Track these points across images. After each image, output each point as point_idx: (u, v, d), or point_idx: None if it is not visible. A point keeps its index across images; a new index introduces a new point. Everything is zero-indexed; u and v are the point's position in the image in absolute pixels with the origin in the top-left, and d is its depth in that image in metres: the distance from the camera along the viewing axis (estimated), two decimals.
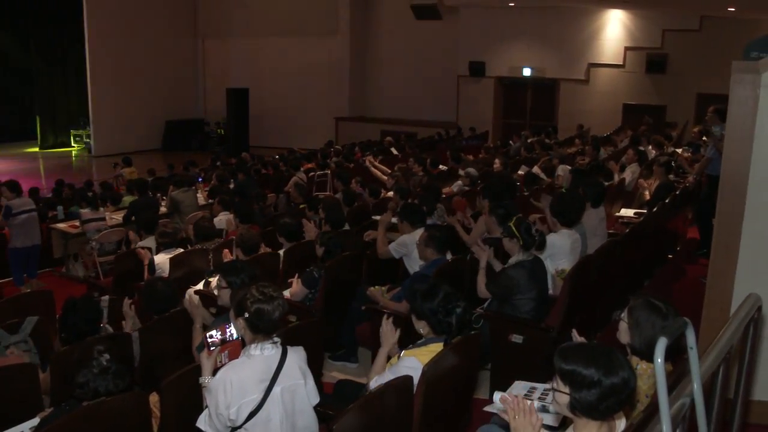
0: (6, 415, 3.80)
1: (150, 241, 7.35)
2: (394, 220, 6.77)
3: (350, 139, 20.40)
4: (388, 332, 3.79)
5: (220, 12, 24.45)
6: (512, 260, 5.02)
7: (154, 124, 24.25)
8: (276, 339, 3.39)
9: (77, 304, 4.57)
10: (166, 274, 6.47)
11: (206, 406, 3.38)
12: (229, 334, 3.51)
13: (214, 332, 3.51)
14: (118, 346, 4.30)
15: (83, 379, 3.39)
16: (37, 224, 9.19)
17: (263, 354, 3.33)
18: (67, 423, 3.33)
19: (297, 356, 3.44)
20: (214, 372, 3.43)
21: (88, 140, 23.96)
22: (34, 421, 3.68)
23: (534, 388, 3.43)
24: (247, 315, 3.30)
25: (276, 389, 3.30)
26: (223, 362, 3.49)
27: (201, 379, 3.47)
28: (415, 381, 3.48)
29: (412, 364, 3.55)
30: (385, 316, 3.89)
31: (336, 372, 5.66)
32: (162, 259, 6.62)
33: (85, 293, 6.38)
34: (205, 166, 15.74)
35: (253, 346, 3.34)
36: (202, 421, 3.38)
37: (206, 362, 3.48)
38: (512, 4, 19.16)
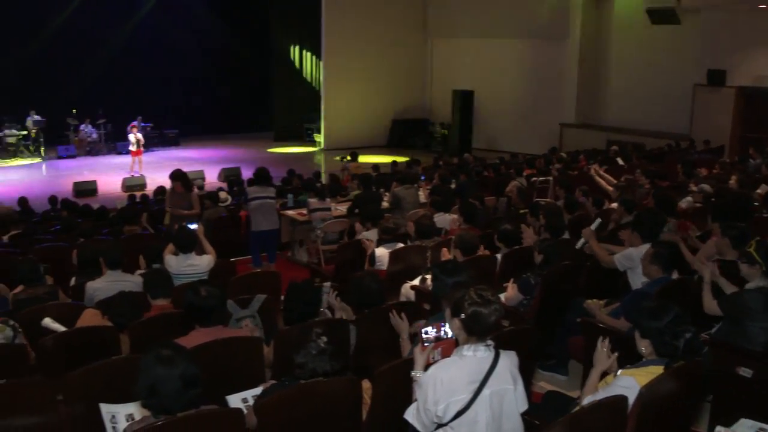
0: (232, 382, 4.08)
1: (373, 234, 7.62)
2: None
3: (574, 146, 19.89)
4: (603, 354, 3.66)
5: (449, 12, 24.66)
6: (750, 285, 4.66)
7: (381, 122, 25.11)
8: (489, 342, 3.39)
9: (300, 288, 4.84)
10: (384, 267, 6.70)
11: (415, 400, 3.45)
12: (443, 332, 3.55)
13: (429, 329, 3.56)
14: (336, 331, 4.50)
15: (302, 359, 3.58)
16: (274, 211, 9.60)
17: (475, 356, 3.33)
18: (285, 397, 3.55)
19: (509, 361, 3.42)
20: (426, 368, 3.50)
21: (318, 134, 25.30)
22: (257, 391, 3.94)
23: (763, 430, 3.17)
24: (463, 316, 3.32)
25: (485, 392, 3.29)
26: (436, 359, 3.54)
27: (412, 373, 3.54)
28: (630, 402, 3.34)
29: (629, 383, 3.41)
30: (600, 338, 3.75)
31: (544, 382, 5.57)
32: (382, 252, 6.85)
33: (307, 278, 6.73)
34: (427, 165, 16.03)
35: (466, 346, 3.36)
36: (410, 414, 3.45)
37: (419, 357, 3.55)
38: (763, 6, 17.69)
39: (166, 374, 3.02)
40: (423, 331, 3.56)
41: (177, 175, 9.46)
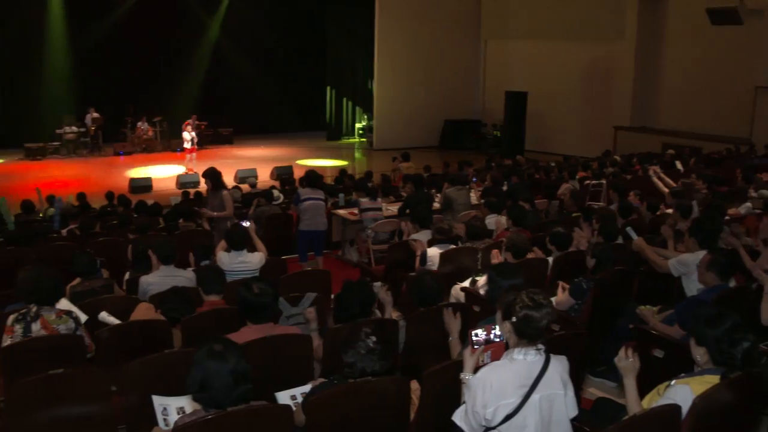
0: (281, 379, 4.13)
1: (423, 235, 7.60)
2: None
3: (629, 149, 19.54)
4: (627, 362, 3.57)
5: (503, 13, 24.51)
6: None
7: (433, 122, 25.07)
8: (540, 346, 3.36)
9: (354, 287, 4.85)
10: (435, 267, 6.68)
11: (464, 402, 3.43)
12: (493, 335, 3.53)
13: (479, 331, 3.55)
14: (385, 331, 4.50)
15: (351, 359, 3.59)
16: (323, 213, 9.61)
17: (526, 359, 3.31)
18: (334, 395, 3.57)
19: (560, 366, 3.39)
20: (476, 370, 3.48)
21: (370, 134, 25.38)
22: (306, 388, 3.96)
23: None
24: (514, 319, 3.31)
25: (535, 396, 3.26)
26: (486, 362, 3.52)
27: (462, 375, 3.53)
28: (684, 412, 3.27)
29: (683, 392, 3.34)
30: (623, 347, 3.65)
31: (594, 389, 5.49)
32: (434, 253, 6.84)
33: (358, 277, 6.75)
34: (479, 166, 15.96)
35: (516, 350, 3.34)
36: (458, 416, 3.44)
37: (469, 359, 3.53)
38: None
39: (218, 369, 3.06)
40: (473, 333, 3.55)
41: (205, 174, 9.38)
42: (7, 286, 5.99)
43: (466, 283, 6.03)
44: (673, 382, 3.48)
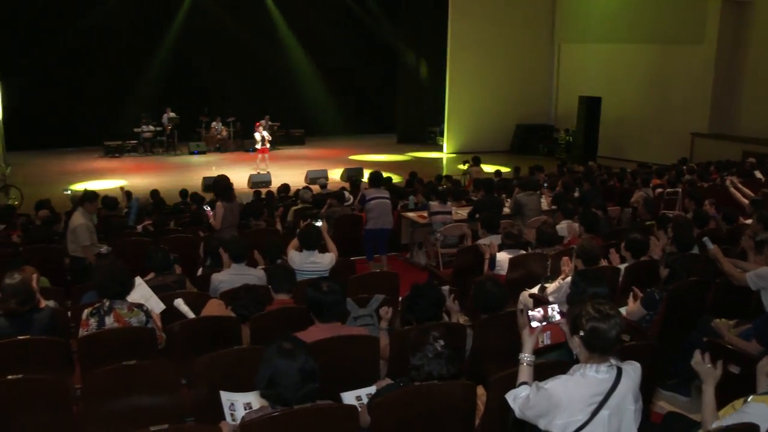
0: (347, 379, 4.15)
1: (492, 239, 7.55)
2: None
3: (706, 157, 19.01)
4: (707, 368, 3.46)
5: (578, 17, 24.17)
6: None
7: (505, 127, 24.87)
8: (613, 362, 3.26)
9: (424, 290, 4.85)
10: (504, 272, 6.63)
11: (521, 383, 3.42)
12: (551, 313, 3.50)
13: (536, 312, 3.53)
14: (452, 335, 4.49)
15: (419, 362, 3.58)
16: (389, 211, 9.77)
17: (597, 376, 3.21)
18: (399, 397, 3.58)
19: (631, 380, 3.28)
20: (535, 351, 3.47)
21: (441, 137, 25.32)
22: (372, 389, 3.99)
23: None
24: (582, 333, 3.20)
25: (603, 413, 3.17)
26: (545, 342, 3.50)
27: (521, 355, 3.50)
28: (762, 430, 3.17)
29: (761, 411, 3.23)
30: (697, 351, 3.55)
31: (664, 402, 5.36)
32: (503, 258, 6.78)
33: (426, 281, 6.75)
34: (550, 171, 15.77)
35: (588, 366, 3.22)
36: (511, 396, 3.39)
37: (528, 340, 3.50)
38: None
39: (286, 367, 3.11)
40: (530, 313, 3.53)
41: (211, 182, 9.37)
42: (86, 279, 6.20)
43: (535, 290, 5.96)
44: (750, 398, 3.37)
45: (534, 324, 3.49)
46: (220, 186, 8.82)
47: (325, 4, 26.39)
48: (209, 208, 8.62)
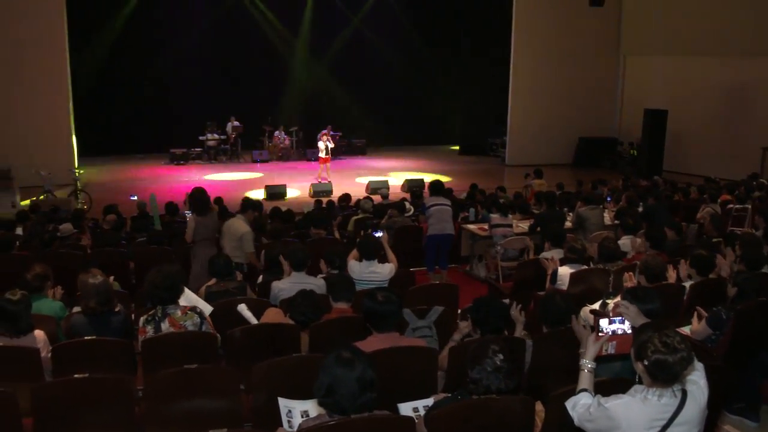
0: (405, 390, 4.15)
1: (554, 253, 7.46)
2: None
3: None
4: None
5: (645, 28, 23.65)
6: None
7: (568, 139, 24.50)
8: (678, 388, 3.19)
9: (491, 302, 4.81)
10: (565, 287, 6.55)
11: (581, 390, 3.42)
12: (618, 324, 3.45)
13: (606, 320, 3.50)
14: (513, 350, 4.44)
15: (477, 375, 3.56)
16: (450, 217, 9.81)
17: (660, 401, 3.16)
18: (457, 410, 3.57)
19: (697, 403, 3.20)
20: (596, 358, 3.44)
21: (502, 149, 25.15)
22: (429, 401, 3.99)
23: None
24: (646, 362, 3.15)
25: None
26: (609, 352, 3.48)
27: (582, 362, 3.48)
28: None
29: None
30: None
31: (730, 426, 5.22)
32: (564, 272, 6.70)
33: (488, 294, 6.71)
34: (614, 185, 15.52)
35: (651, 390, 3.18)
36: (570, 404, 3.39)
37: (591, 346, 3.48)
38: None
39: (345, 376, 3.12)
40: (600, 321, 3.51)
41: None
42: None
43: (596, 306, 5.86)
44: None
45: (600, 333, 3.46)
46: (193, 199, 8.73)
47: (384, 15, 26.58)
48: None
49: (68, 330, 5.19)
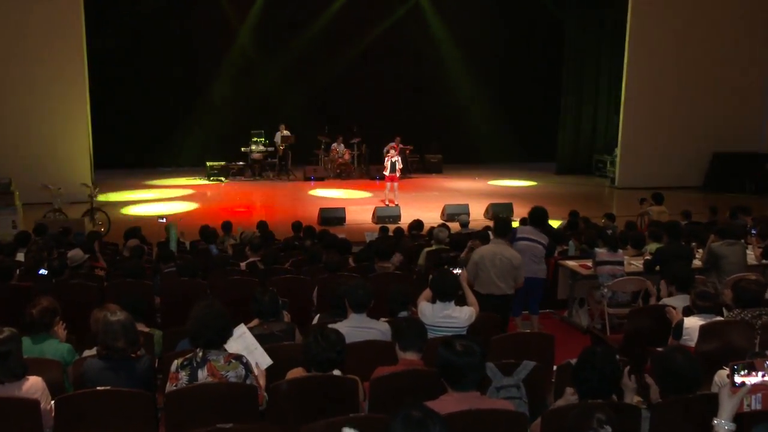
0: None
1: (678, 300, 7.28)
2: None
3: None
4: None
5: None
6: None
7: (696, 156, 23.97)
8: None
9: (597, 358, 4.68)
10: (693, 343, 6.38)
11: None
12: (762, 374, 3.36)
13: (743, 372, 3.49)
14: (623, 420, 4.33)
15: None
16: (541, 259, 9.62)
17: None
18: None
19: None
20: (736, 417, 3.41)
21: (612, 168, 24.84)
22: None
23: None
24: None
25: None
26: (754, 407, 3.41)
27: (716, 421, 3.44)
28: None
29: None
30: None
31: None
32: (693, 324, 6.52)
33: (596, 345, 6.57)
34: (761, 215, 15.15)
35: None
36: None
37: (727, 402, 3.46)
38: None
39: None
40: (736, 371, 3.47)
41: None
42: (178, 322, 6.39)
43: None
44: None
45: (738, 380, 3.37)
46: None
47: (476, 14, 26.85)
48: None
49: (79, 378, 5.24)
